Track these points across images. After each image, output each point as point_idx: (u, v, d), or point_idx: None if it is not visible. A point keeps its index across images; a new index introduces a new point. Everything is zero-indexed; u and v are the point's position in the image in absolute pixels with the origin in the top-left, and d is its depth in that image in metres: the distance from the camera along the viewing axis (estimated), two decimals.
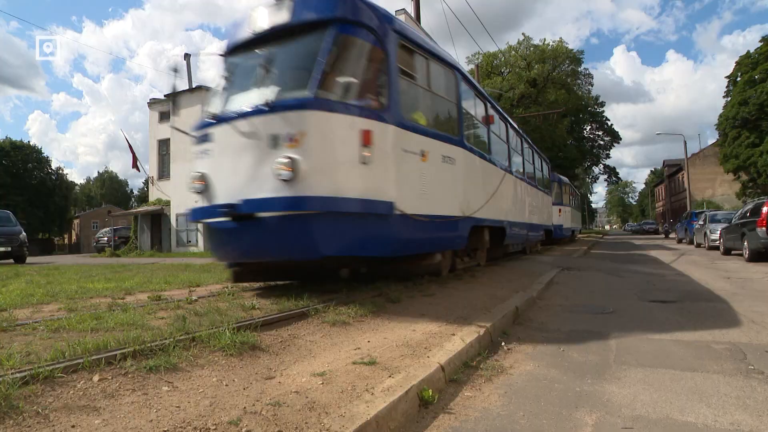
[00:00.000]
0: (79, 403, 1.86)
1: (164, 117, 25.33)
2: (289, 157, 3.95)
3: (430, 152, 5.28)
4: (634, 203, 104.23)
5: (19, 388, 1.86)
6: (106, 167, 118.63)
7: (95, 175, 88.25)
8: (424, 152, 5.15)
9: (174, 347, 2.47)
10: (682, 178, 45.22)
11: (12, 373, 1.92)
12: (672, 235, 30.65)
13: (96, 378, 2.07)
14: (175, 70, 4.99)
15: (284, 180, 3.97)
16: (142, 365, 2.25)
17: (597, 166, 48.81)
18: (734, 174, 34.19)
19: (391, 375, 2.35)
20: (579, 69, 36.39)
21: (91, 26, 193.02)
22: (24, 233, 15.81)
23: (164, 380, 2.15)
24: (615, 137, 45.98)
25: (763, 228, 10.09)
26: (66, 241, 59.31)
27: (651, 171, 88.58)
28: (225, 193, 4.34)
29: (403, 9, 14.24)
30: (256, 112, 4.23)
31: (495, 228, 8.12)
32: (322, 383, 2.23)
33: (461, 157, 6.21)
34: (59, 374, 2.05)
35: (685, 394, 2.43)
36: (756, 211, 11.10)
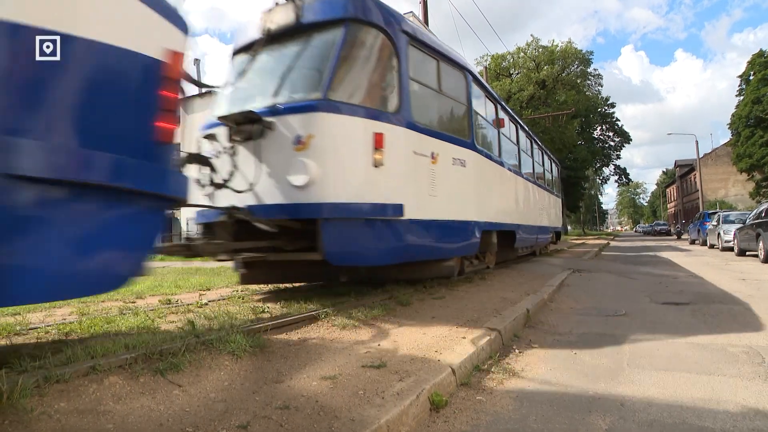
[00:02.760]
0: (90, 406, 1.86)
1: None
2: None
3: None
4: (645, 204, 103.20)
5: (30, 392, 1.87)
6: None
7: None
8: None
9: (184, 351, 2.47)
10: (694, 178, 44.66)
11: (24, 377, 1.92)
12: (684, 237, 30.24)
13: (107, 382, 2.08)
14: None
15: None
16: (153, 368, 2.25)
17: (607, 167, 48.46)
18: (748, 173, 33.75)
19: (402, 379, 2.33)
20: (588, 70, 36.16)
21: None
22: None
23: (174, 383, 2.15)
24: (625, 138, 45.62)
25: None
26: None
27: (663, 171, 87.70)
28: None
29: (411, 12, 14.29)
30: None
31: None
32: (332, 387, 2.22)
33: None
34: (70, 378, 2.06)
35: (701, 399, 2.38)
36: None
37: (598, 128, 44.52)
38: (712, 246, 17.24)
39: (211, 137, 4.32)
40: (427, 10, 15.33)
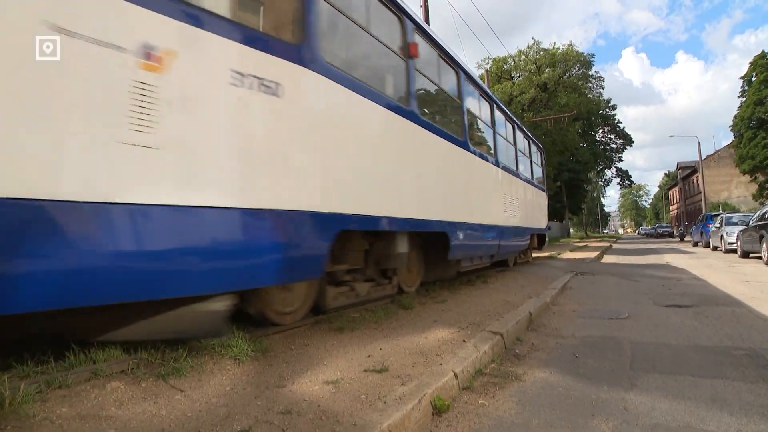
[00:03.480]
0: (92, 412, 1.86)
1: None
2: None
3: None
4: (648, 206, 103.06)
5: (33, 398, 1.87)
6: None
7: None
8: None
9: (186, 356, 2.47)
10: (697, 180, 44.58)
11: (26, 383, 1.93)
12: (687, 239, 30.18)
13: (109, 387, 2.08)
14: None
15: None
16: (155, 373, 2.25)
17: (609, 169, 48.46)
18: (750, 175, 33.65)
19: (404, 383, 2.32)
20: (590, 72, 36.18)
21: None
22: None
23: (176, 388, 2.15)
24: (627, 140, 45.60)
25: None
26: None
27: (665, 173, 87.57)
28: None
29: None
30: None
31: None
32: (334, 391, 2.21)
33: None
34: (72, 383, 2.06)
35: (705, 402, 2.36)
36: None
37: (600, 131, 44.53)
38: (715, 248, 17.18)
39: None
40: (428, 13, 15.38)
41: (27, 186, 1.81)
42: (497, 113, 8.02)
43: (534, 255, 12.89)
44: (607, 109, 43.33)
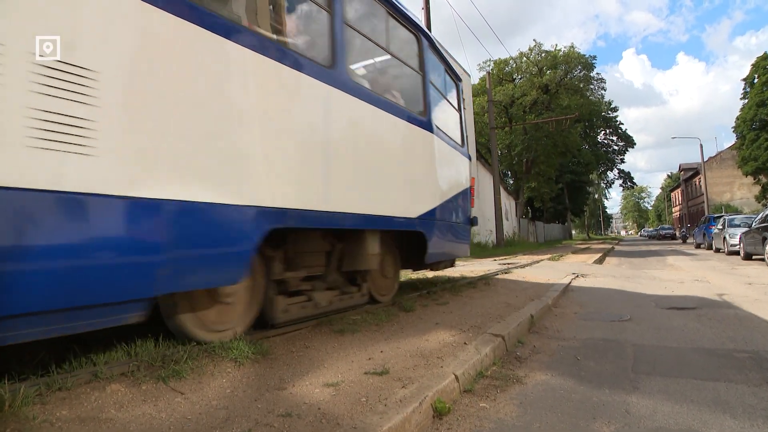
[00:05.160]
0: (92, 414, 1.86)
1: None
2: None
3: None
4: (650, 208, 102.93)
5: (32, 400, 1.87)
6: None
7: None
8: None
9: (186, 358, 2.47)
10: (699, 182, 44.51)
11: (26, 385, 1.92)
12: (690, 241, 30.10)
13: (109, 389, 2.08)
14: None
15: None
16: (155, 376, 2.25)
17: (611, 171, 48.44)
18: (753, 177, 33.58)
19: (404, 386, 2.31)
20: (591, 74, 36.13)
21: None
22: None
23: (176, 391, 2.14)
24: (629, 142, 45.56)
25: None
26: None
27: (668, 175, 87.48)
28: None
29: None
30: None
31: None
32: (335, 394, 2.21)
33: None
34: (72, 385, 2.06)
35: (708, 405, 2.35)
36: None
37: (602, 132, 44.52)
38: (717, 250, 17.13)
39: None
40: (430, 15, 15.40)
41: None
42: None
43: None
44: (609, 111, 43.30)
